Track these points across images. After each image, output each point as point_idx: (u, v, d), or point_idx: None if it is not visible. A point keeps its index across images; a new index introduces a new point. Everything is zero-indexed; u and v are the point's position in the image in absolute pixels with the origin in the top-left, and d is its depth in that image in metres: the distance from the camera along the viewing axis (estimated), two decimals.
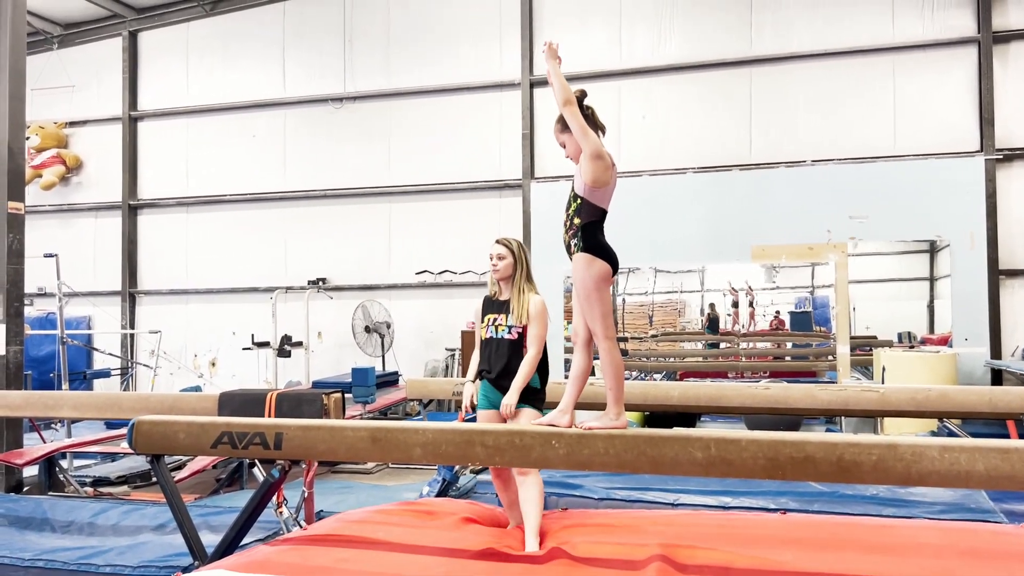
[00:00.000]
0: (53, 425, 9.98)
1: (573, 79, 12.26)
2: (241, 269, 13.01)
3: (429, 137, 12.24)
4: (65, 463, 7.56)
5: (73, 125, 14.04)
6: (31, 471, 7.11)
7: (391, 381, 10.47)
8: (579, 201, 3.38)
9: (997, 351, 9.89)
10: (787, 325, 12.23)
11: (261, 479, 4.07)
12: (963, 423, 7.17)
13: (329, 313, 12.22)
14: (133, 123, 13.74)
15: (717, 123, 11.06)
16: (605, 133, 3.47)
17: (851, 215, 10.27)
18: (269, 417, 4.96)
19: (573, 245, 3.39)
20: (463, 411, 4.24)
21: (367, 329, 11.19)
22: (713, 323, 12.42)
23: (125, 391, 11.68)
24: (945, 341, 10.16)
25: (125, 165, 13.64)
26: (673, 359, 12.19)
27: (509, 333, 4.09)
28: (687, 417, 8.80)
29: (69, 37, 14.00)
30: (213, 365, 13.00)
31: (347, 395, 7.44)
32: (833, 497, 5.03)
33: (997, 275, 9.93)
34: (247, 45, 13.13)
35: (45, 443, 7.55)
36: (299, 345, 11.15)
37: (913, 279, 11.43)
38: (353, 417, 7.73)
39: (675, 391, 5.49)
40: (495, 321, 4.15)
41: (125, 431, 6.24)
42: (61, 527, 5.06)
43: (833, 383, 9.39)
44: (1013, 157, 10.04)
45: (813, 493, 5.11)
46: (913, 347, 10.48)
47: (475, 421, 4.19)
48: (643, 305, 12.18)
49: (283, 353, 10.88)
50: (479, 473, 6.36)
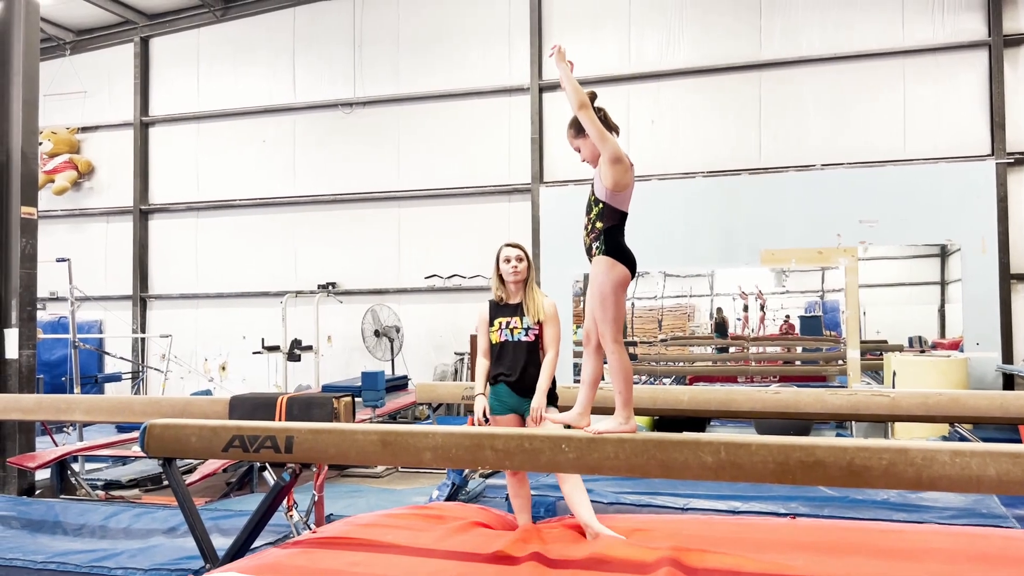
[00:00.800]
0: (65, 428, 10.03)
1: (582, 83, 12.24)
2: (251, 273, 13.06)
3: (438, 142, 12.27)
4: (77, 466, 7.60)
5: (85, 130, 14.14)
6: (43, 474, 7.15)
7: (400, 385, 10.49)
8: (600, 205, 3.35)
9: (1009, 356, 9.84)
10: (797, 329, 12.20)
11: (272, 483, 4.09)
12: (974, 428, 7.14)
13: (339, 317, 12.26)
14: (144, 128, 13.82)
15: (726, 127, 11.05)
16: (619, 134, 3.44)
17: (861, 219, 10.24)
18: (280, 421, 4.99)
19: (595, 248, 3.35)
20: (476, 421, 4.21)
21: (376, 333, 11.21)
22: (721, 327, 12.39)
23: (136, 395, 11.74)
24: (956, 346, 10.11)
25: (136, 170, 13.72)
26: (682, 363, 12.17)
27: (526, 335, 4.12)
28: (697, 421, 8.78)
29: (81, 43, 14.10)
30: (223, 369, 13.05)
31: (357, 399, 7.46)
32: (843, 502, 5.01)
33: (1008, 280, 9.89)
34: (257, 51, 13.20)
35: (57, 446, 7.59)
36: (309, 349, 11.19)
37: (923, 283, 11.38)
38: (363, 421, 7.76)
39: (685, 395, 5.48)
40: (508, 324, 4.17)
41: (136, 435, 6.28)
42: (73, 530, 5.08)
43: (843, 388, 9.35)
44: None
45: (823, 498, 5.09)
46: (924, 351, 10.43)
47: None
48: (652, 309, 12.17)
49: (293, 357, 10.92)
50: (489, 477, 6.36)
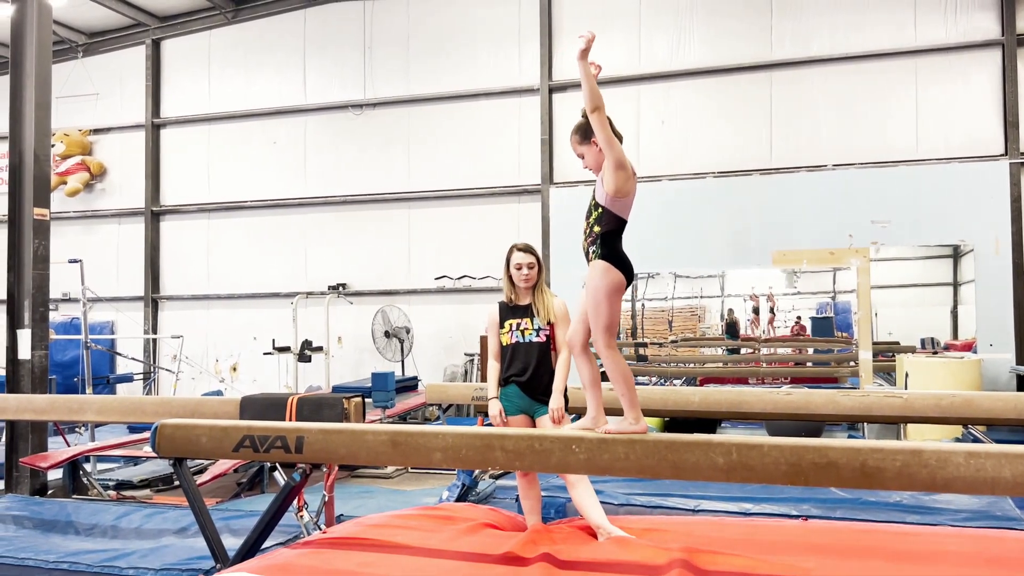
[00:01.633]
0: (77, 429, 10.07)
1: None
2: (262, 275, 13.10)
3: (448, 143, 12.28)
4: (89, 466, 7.64)
5: (97, 132, 14.22)
6: (55, 474, 7.18)
7: (410, 386, 10.50)
8: (600, 210, 3.36)
9: (1023, 357, 9.77)
10: (808, 330, 12.14)
11: (282, 483, 4.09)
12: (988, 430, 7.08)
13: (349, 318, 12.28)
14: (156, 130, 13.89)
15: (737, 128, 11.02)
16: (623, 142, 3.41)
17: (873, 220, 10.19)
18: (290, 421, 4.99)
19: (591, 252, 3.39)
20: (495, 423, 4.22)
21: (387, 334, 11.23)
22: (732, 328, 12.35)
23: (147, 396, 11.78)
24: (969, 347, 10.04)
25: (148, 172, 13.78)
26: (693, 364, 12.13)
27: (538, 336, 4.13)
28: (707, 423, 8.74)
29: (94, 46, 14.19)
30: (234, 370, 13.09)
31: (367, 400, 7.47)
32: (855, 504, 4.97)
33: (1023, 280, 9.81)
34: (268, 53, 13.24)
35: (69, 447, 7.63)
36: (319, 350, 11.21)
37: (936, 284, 11.32)
38: (373, 421, 7.76)
39: (696, 396, 5.45)
40: (519, 326, 4.17)
41: (147, 435, 6.30)
42: (85, 530, 5.10)
43: (855, 389, 9.30)
44: None
45: (835, 500, 5.06)
46: (936, 353, 10.37)
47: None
48: (663, 311, 12.13)
49: (303, 358, 10.95)
50: (499, 478, 6.35)
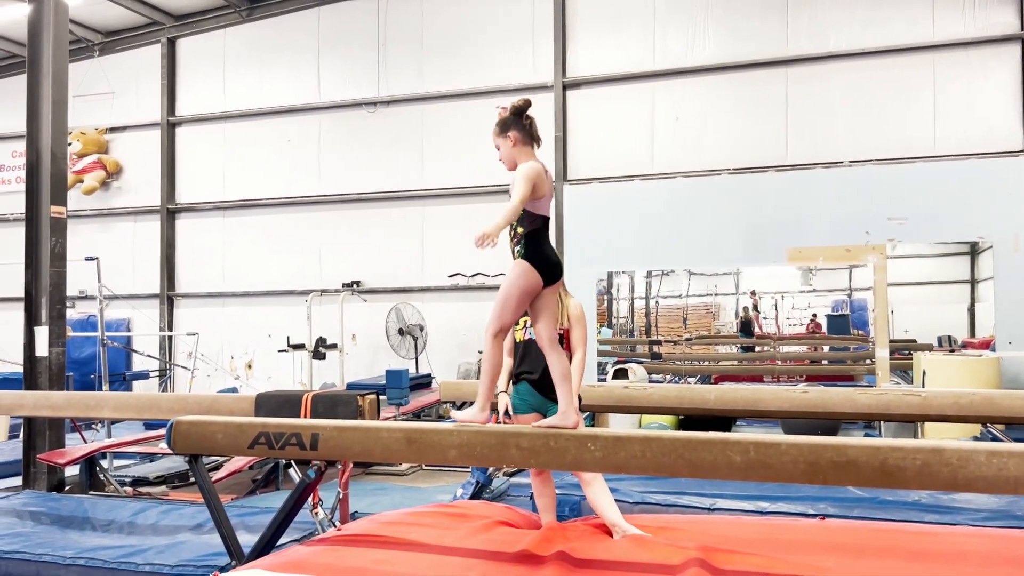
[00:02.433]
0: (94, 425, 10.14)
1: (605, 81, 12.25)
2: (277, 272, 13.14)
3: (462, 140, 12.27)
4: (105, 463, 7.68)
5: (113, 131, 14.30)
6: (72, 470, 7.23)
7: (424, 383, 10.51)
8: (521, 211, 3.49)
9: None
10: (824, 328, 12.07)
11: (297, 480, 4.10)
12: (1006, 428, 7.01)
13: (363, 316, 12.30)
14: (171, 128, 13.95)
15: (752, 124, 10.95)
16: (540, 145, 3.76)
17: (890, 217, 10.08)
18: (305, 418, 4.99)
19: (515, 252, 3.51)
20: (500, 419, 4.22)
21: (400, 332, 11.24)
22: (747, 326, 12.30)
23: (163, 392, 11.85)
24: (987, 345, 9.94)
25: (163, 170, 13.85)
26: (707, 363, 12.08)
27: None
28: (722, 421, 8.70)
29: (110, 45, 14.26)
30: (249, 367, 13.15)
31: (381, 397, 7.48)
32: (873, 503, 4.93)
33: None
34: (282, 51, 13.27)
35: (86, 443, 7.68)
36: (334, 347, 11.23)
37: (953, 282, 11.22)
38: (387, 419, 7.77)
39: (711, 394, 5.42)
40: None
41: (163, 432, 6.33)
42: (101, 526, 5.13)
43: (872, 387, 9.23)
44: None
45: (852, 498, 5.01)
46: (953, 351, 10.27)
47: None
48: (678, 308, 12.09)
49: (318, 355, 10.97)
50: (513, 475, 6.34)
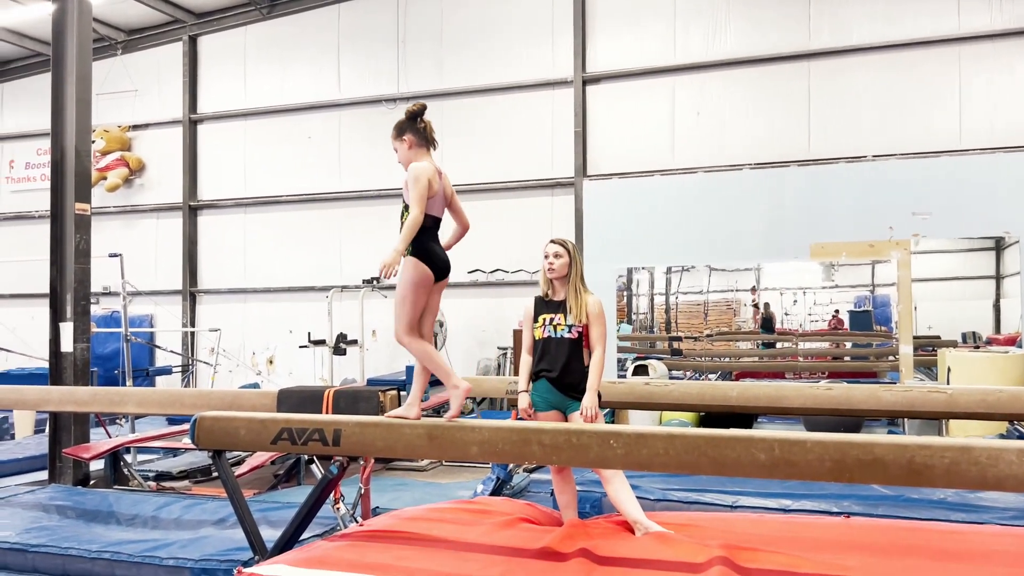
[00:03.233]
0: (118, 420, 10.24)
1: (625, 76, 12.18)
2: (298, 268, 13.21)
3: (481, 136, 12.26)
4: (129, 457, 7.76)
5: (136, 128, 14.42)
6: (97, 465, 7.30)
7: None
8: (409, 209, 3.68)
9: None
10: (846, 324, 11.96)
11: (318, 475, 4.12)
12: None
13: (383, 311, 12.29)
14: (193, 126, 14.05)
15: (774, 119, 10.86)
16: (436, 147, 3.95)
17: (914, 212, 9.95)
18: (326, 414, 5.01)
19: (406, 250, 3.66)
20: (521, 415, 4.22)
21: None
22: (768, 322, 12.21)
23: (186, 388, 11.95)
24: (1013, 341, 9.81)
25: (185, 167, 13.95)
26: (728, 359, 12.01)
27: (569, 332, 4.08)
28: (743, 418, 8.65)
29: (132, 43, 14.37)
30: (271, 363, 13.22)
31: (402, 392, 7.50)
32: (898, 501, 4.88)
33: None
34: (303, 48, 13.32)
35: (110, 438, 7.76)
36: (354, 343, 11.27)
37: (978, 277, 11.08)
38: None
39: (733, 391, 5.38)
40: (552, 321, 4.14)
41: (186, 427, 6.37)
42: (126, 520, 5.18)
43: (896, 384, 9.15)
44: None
45: (877, 496, 4.96)
46: (978, 347, 10.15)
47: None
48: (698, 304, 12.03)
49: (339, 351, 11.02)
50: (533, 472, 6.34)
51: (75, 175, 7.13)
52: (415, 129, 3.85)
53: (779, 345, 11.89)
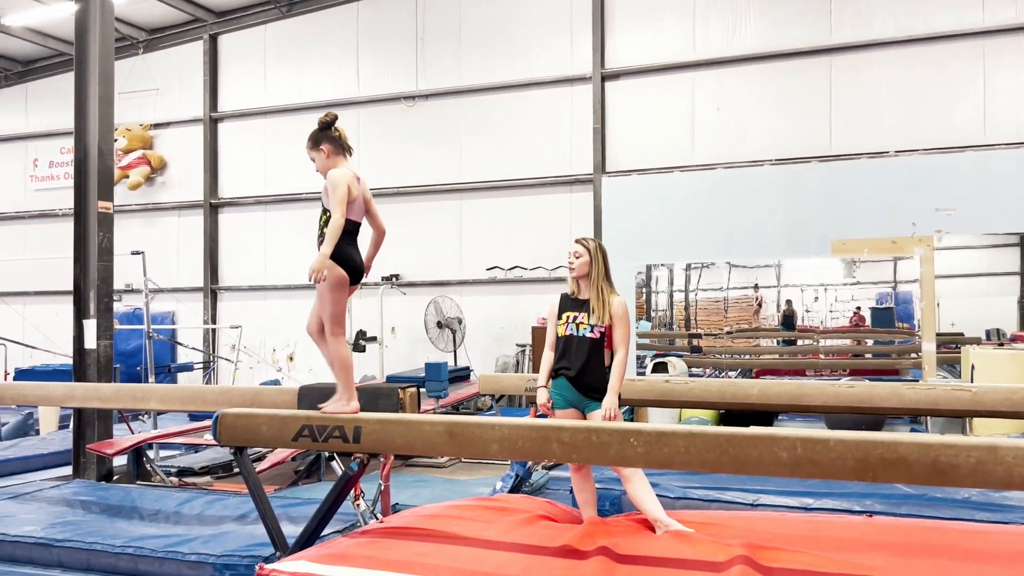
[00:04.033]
0: (140, 417, 10.33)
1: (644, 71, 12.11)
2: None
3: (500, 133, 12.26)
4: (152, 453, 7.82)
5: (157, 127, 14.53)
6: (120, 460, 7.37)
7: (463, 376, 10.52)
8: (327, 214, 3.85)
9: None
10: (868, 321, 11.84)
11: (338, 472, 4.13)
12: None
13: (402, 309, 12.36)
14: (213, 124, 14.14)
15: (795, 114, 10.78)
16: (352, 154, 4.11)
17: (937, 207, 9.85)
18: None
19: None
20: (540, 410, 4.22)
21: (439, 324, 11.28)
22: (789, 319, 12.11)
23: (207, 384, 12.04)
24: None
25: (206, 165, 14.05)
26: (748, 356, 11.94)
27: (591, 332, 4.07)
28: (764, 416, 8.59)
29: (153, 42, 14.48)
30: (291, 359, 13.30)
31: (421, 389, 7.52)
32: (921, 500, 4.82)
33: None
34: (322, 46, 13.37)
35: (133, 434, 7.83)
36: (373, 340, 11.31)
37: (1003, 274, 10.93)
38: (427, 411, 7.80)
39: (754, 389, 5.35)
40: (575, 319, 4.13)
41: (207, 423, 6.41)
42: (149, 515, 5.22)
43: (919, 382, 9.05)
44: None
45: (900, 495, 4.91)
46: (1003, 344, 10.02)
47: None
48: (717, 301, 11.96)
49: (358, 348, 11.06)
50: (552, 469, 6.33)
51: (98, 173, 7.19)
52: (330, 138, 3.99)
53: (800, 342, 11.80)
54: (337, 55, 13.26)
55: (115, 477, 7.27)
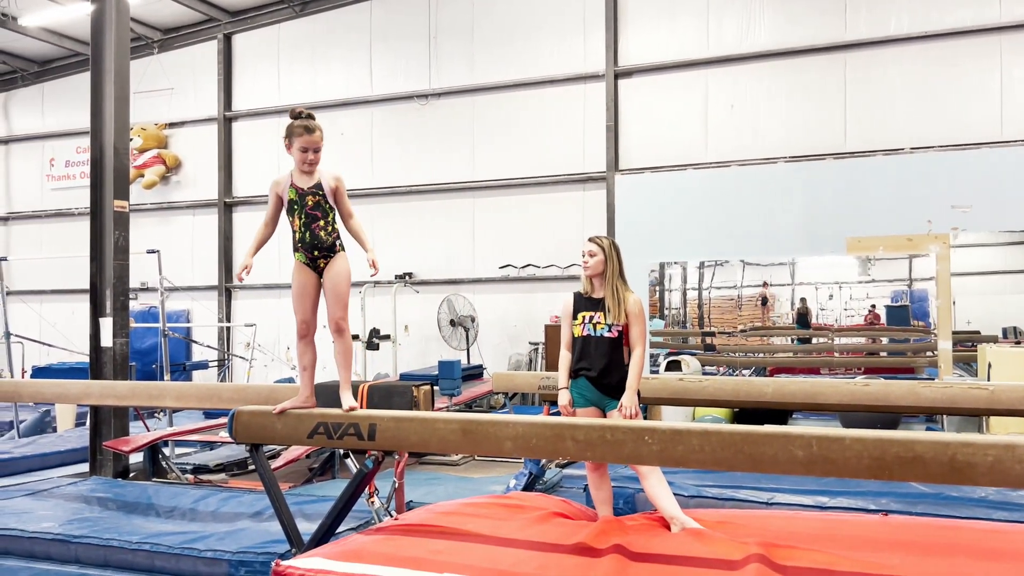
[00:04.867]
0: (156, 414, 10.41)
1: (657, 69, 12.08)
2: None
3: (513, 131, 12.26)
4: (167, 451, 7.87)
5: (172, 126, 14.62)
6: (136, 458, 7.43)
7: (476, 374, 10.53)
8: (333, 211, 4.19)
9: None
10: (883, 319, 11.77)
11: (353, 469, 4.15)
12: None
13: (415, 307, 12.38)
14: (228, 123, 14.21)
15: (809, 111, 10.73)
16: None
17: (953, 204, 9.78)
18: (361, 408, 5.04)
19: (337, 244, 4.24)
20: (561, 412, 4.22)
21: (452, 323, 11.30)
22: (803, 317, 12.05)
23: (223, 382, 12.10)
24: None
25: (220, 164, 14.12)
26: (762, 355, 11.89)
27: (609, 332, 4.06)
28: (778, 414, 8.56)
29: (168, 42, 14.57)
30: None
31: (434, 387, 7.54)
32: (937, 498, 4.79)
33: None
34: (335, 45, 13.41)
35: (149, 431, 7.88)
36: (387, 338, 11.34)
37: (1019, 271, 10.84)
38: (440, 409, 7.81)
39: (769, 387, 5.33)
40: (592, 319, 4.11)
41: (222, 421, 6.45)
42: (165, 512, 5.25)
43: (935, 380, 8.99)
44: None
45: (916, 494, 4.88)
46: (1020, 343, 9.95)
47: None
48: (731, 299, 11.91)
49: (371, 346, 11.09)
50: (565, 467, 6.33)
51: (114, 172, 7.25)
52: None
53: (815, 341, 11.74)
54: (350, 54, 13.29)
55: (131, 474, 7.32)
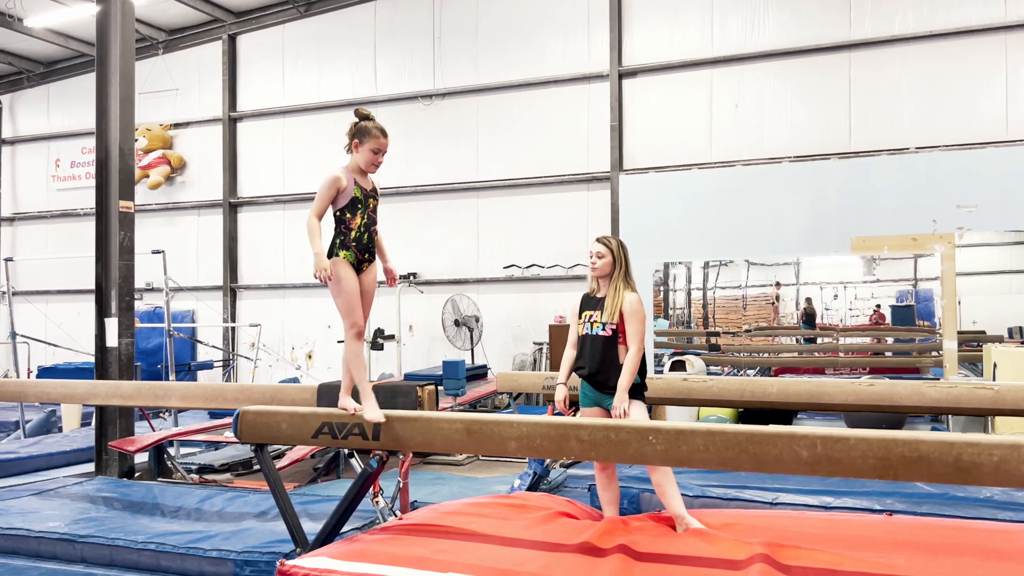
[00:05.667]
0: (161, 414, 10.43)
1: (662, 68, 12.08)
2: None
3: (517, 131, 12.26)
4: (172, 450, 7.89)
5: (177, 127, 14.66)
6: (141, 458, 7.44)
7: (480, 374, 10.55)
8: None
9: None
10: (888, 319, 11.75)
11: (357, 469, 4.15)
12: None
13: (419, 307, 12.40)
14: (232, 124, 14.23)
15: (814, 110, 10.71)
16: None
17: (958, 204, 9.75)
18: None
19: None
20: (557, 408, 4.24)
21: (456, 323, 11.30)
22: (809, 318, 12.04)
23: (228, 382, 12.12)
24: None
25: (225, 164, 14.15)
26: (767, 354, 11.87)
27: (603, 330, 4.07)
28: (783, 414, 8.54)
29: (173, 42, 14.60)
30: (309, 357, 13.37)
31: (439, 387, 7.53)
32: (942, 499, 4.78)
33: None
34: (340, 45, 13.42)
35: (154, 431, 7.90)
36: (391, 338, 11.35)
37: None
38: (444, 409, 7.82)
39: (773, 387, 5.33)
40: (591, 318, 4.14)
41: (227, 421, 6.46)
42: (170, 512, 5.26)
43: (940, 380, 8.97)
44: None
45: (921, 494, 4.87)
46: None
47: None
48: (736, 299, 11.90)
49: (376, 346, 11.11)
50: (569, 467, 6.33)
51: (119, 173, 7.26)
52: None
53: (819, 340, 11.73)
54: (355, 54, 13.31)
55: (137, 474, 7.34)
